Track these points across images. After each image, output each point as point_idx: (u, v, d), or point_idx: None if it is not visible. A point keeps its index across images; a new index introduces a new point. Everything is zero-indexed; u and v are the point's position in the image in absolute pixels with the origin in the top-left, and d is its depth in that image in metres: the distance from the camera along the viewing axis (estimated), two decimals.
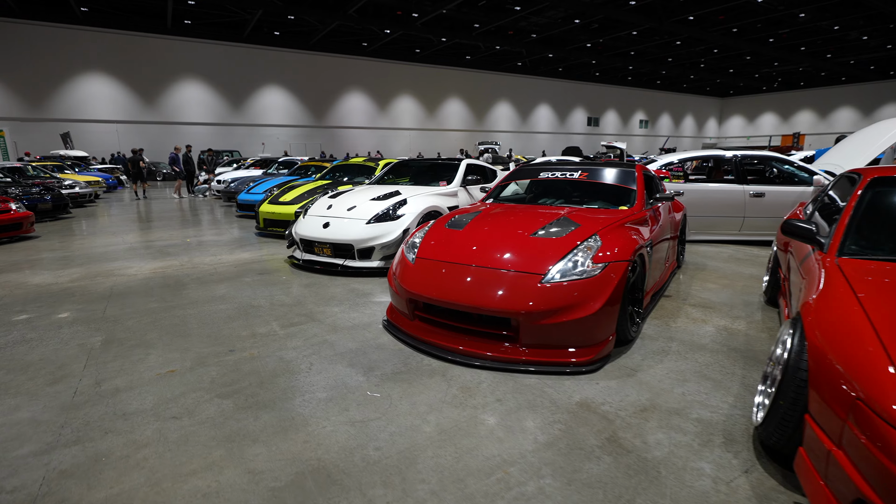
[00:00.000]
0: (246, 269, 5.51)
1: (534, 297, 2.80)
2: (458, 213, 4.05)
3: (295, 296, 4.40)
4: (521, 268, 2.97)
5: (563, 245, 3.09)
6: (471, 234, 3.49)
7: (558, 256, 2.99)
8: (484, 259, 3.13)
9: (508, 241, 3.26)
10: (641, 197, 4.03)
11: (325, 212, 5.52)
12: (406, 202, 5.38)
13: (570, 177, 4.38)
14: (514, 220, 3.67)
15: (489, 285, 2.95)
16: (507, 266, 3.02)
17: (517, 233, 3.35)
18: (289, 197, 7.69)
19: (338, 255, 5.20)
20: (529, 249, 3.12)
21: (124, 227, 8.92)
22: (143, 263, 5.82)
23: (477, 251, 3.23)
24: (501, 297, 2.86)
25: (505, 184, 4.81)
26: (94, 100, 26.49)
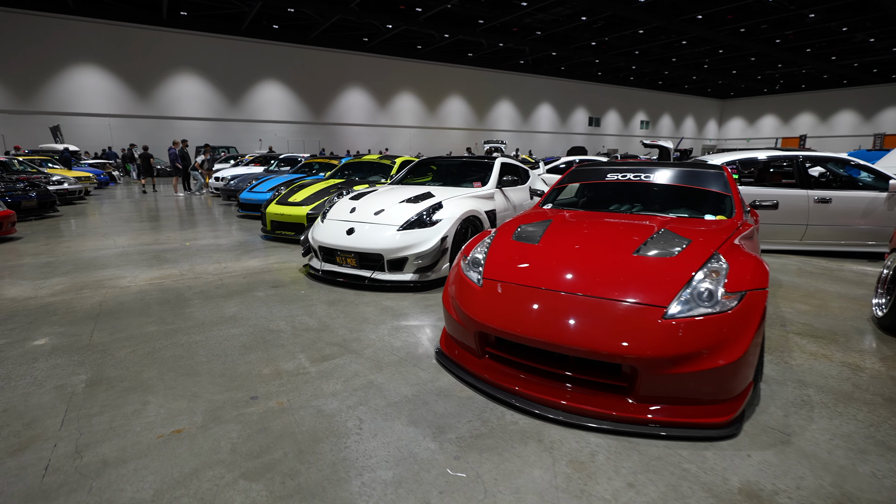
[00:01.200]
0: (256, 280, 4.81)
1: (657, 338, 2.13)
2: (521, 221, 3.37)
3: (320, 317, 3.71)
4: (634, 297, 2.30)
5: (681, 268, 2.43)
6: (550, 249, 2.81)
7: (680, 283, 2.32)
8: (579, 284, 2.46)
9: (605, 261, 2.58)
10: (739, 204, 3.37)
11: (347, 216, 4.82)
12: (441, 206, 4.69)
13: (647, 179, 3.72)
14: (601, 232, 3.00)
15: (591, 319, 2.28)
16: (614, 294, 2.35)
17: (613, 250, 2.68)
18: (299, 197, 6.98)
19: (364, 265, 4.51)
20: (637, 272, 2.45)
21: (116, 228, 8.17)
22: (138, 272, 5.10)
23: (566, 273, 2.56)
24: (611, 335, 2.19)
25: (562, 186, 4.14)
26: (86, 92, 25.56)
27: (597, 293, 2.37)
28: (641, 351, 2.12)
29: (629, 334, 2.18)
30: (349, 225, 4.65)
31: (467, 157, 6.48)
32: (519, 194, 6.04)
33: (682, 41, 32.37)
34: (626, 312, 2.25)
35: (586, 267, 2.56)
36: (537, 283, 2.54)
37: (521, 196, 6.09)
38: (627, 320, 2.23)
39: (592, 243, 2.81)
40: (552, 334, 2.29)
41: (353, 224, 4.65)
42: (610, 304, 2.30)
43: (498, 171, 5.77)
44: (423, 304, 4.04)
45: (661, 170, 3.74)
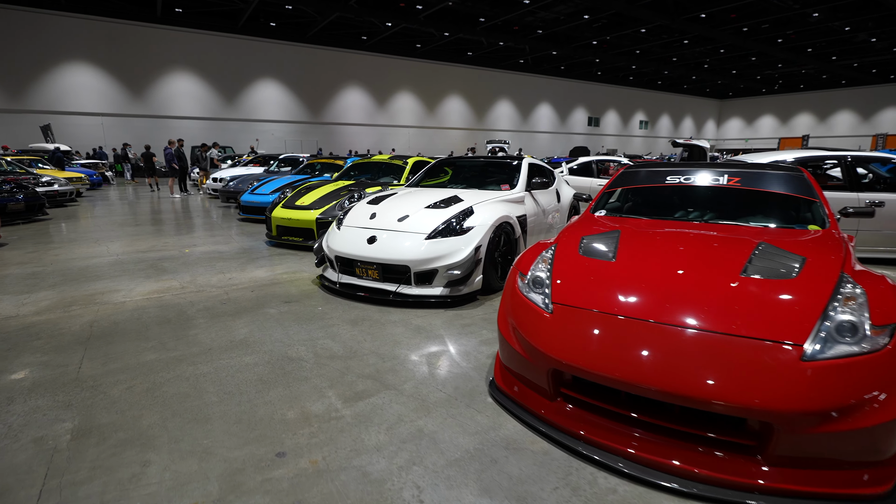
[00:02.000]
0: (266, 293, 4.33)
1: (799, 386, 1.69)
2: (581, 231, 2.92)
3: (344, 340, 3.24)
4: (760, 332, 1.85)
5: (808, 293, 1.98)
6: (633, 267, 2.36)
7: (813, 313, 1.88)
8: (683, 313, 2.00)
9: (709, 284, 2.13)
10: (832, 213, 2.93)
11: (367, 222, 4.35)
12: (472, 211, 4.23)
13: (716, 182, 3.27)
14: (688, 246, 2.55)
15: (706, 360, 1.83)
16: (731, 327, 1.89)
17: (714, 269, 2.23)
18: (307, 200, 6.50)
19: (388, 278, 4.04)
20: (753, 299, 2.00)
21: (109, 233, 7.66)
22: (134, 284, 4.61)
23: (662, 298, 2.10)
24: (736, 382, 1.74)
25: (612, 190, 3.69)
26: (78, 91, 24.91)
27: (710, 326, 1.91)
28: (779, 403, 1.67)
29: (760, 381, 1.72)
30: (370, 233, 4.18)
31: (489, 157, 6.03)
32: (547, 197, 5.59)
33: (684, 40, 32.08)
34: (753, 352, 1.80)
35: (687, 291, 2.10)
36: (627, 311, 2.08)
37: (549, 199, 5.65)
38: (755, 362, 1.77)
39: (684, 260, 2.35)
40: (655, 378, 1.83)
41: (375, 232, 4.18)
42: (730, 342, 1.85)
43: (526, 172, 5.32)
44: (459, 322, 3.58)
45: (730, 172, 3.30)
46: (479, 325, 3.53)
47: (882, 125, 43.70)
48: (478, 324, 3.57)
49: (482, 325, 3.55)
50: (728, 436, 1.81)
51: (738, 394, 1.72)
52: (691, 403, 1.77)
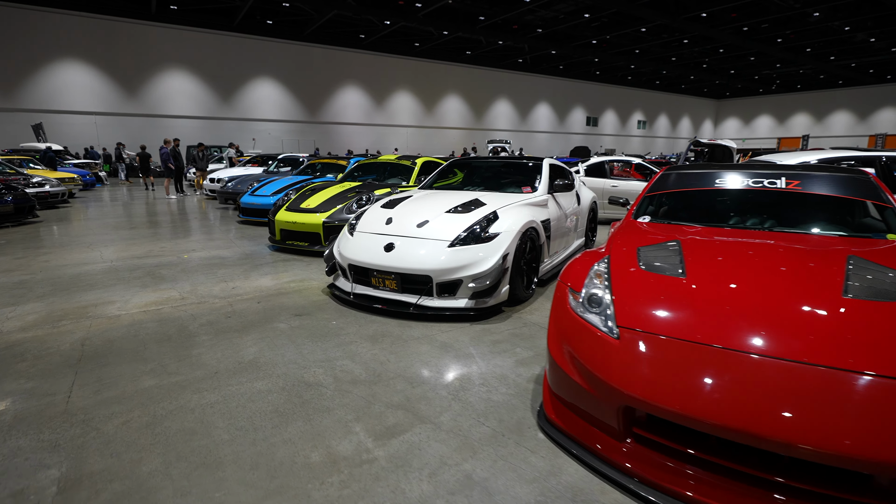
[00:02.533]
0: (274, 305, 4.01)
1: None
2: (633, 241, 2.62)
3: (365, 361, 2.92)
4: (887, 368, 1.55)
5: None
6: (710, 285, 2.06)
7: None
8: (785, 343, 1.70)
9: (807, 307, 1.83)
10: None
11: (383, 228, 4.03)
12: (497, 216, 3.92)
13: (772, 186, 2.98)
14: (765, 260, 2.25)
15: (821, 403, 1.52)
16: (849, 361, 1.59)
17: (809, 289, 1.93)
18: (312, 202, 6.17)
19: (407, 289, 3.73)
20: (869, 326, 1.70)
21: (102, 236, 7.29)
22: (130, 294, 4.27)
23: (755, 324, 1.80)
24: (871, 431, 1.44)
25: (655, 194, 3.39)
26: (71, 89, 24.42)
27: (830, 361, 1.61)
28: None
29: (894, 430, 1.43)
30: (387, 239, 3.86)
31: (507, 157, 5.73)
32: (568, 200, 5.30)
33: (684, 39, 31.92)
34: (882, 394, 1.50)
35: (788, 317, 1.80)
36: (717, 340, 1.78)
37: (570, 202, 5.35)
38: (886, 407, 1.47)
39: (771, 278, 2.05)
40: (759, 424, 1.53)
41: (393, 238, 3.86)
42: (858, 381, 1.55)
43: (548, 173, 5.02)
44: (488, 339, 3.27)
45: (787, 174, 3.01)
46: (511, 342, 3.22)
47: (879, 125, 43.78)
48: (509, 340, 3.26)
49: (514, 341, 3.24)
50: (849, 493, 1.51)
51: (878, 447, 1.41)
52: (808, 455, 1.47)
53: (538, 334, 3.37)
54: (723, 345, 1.76)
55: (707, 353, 1.75)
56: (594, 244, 6.59)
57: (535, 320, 3.67)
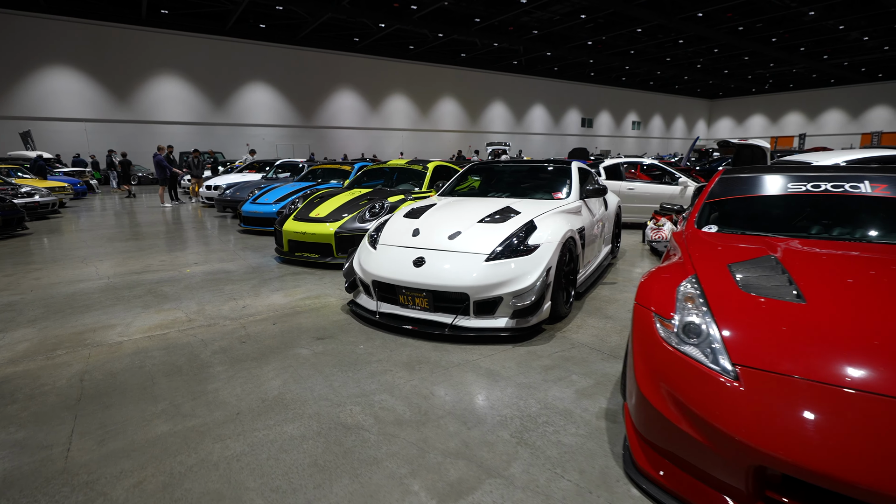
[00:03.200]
0: (291, 326, 3.65)
1: None
2: (721, 257, 2.30)
3: (406, 394, 2.58)
4: None
5: None
6: (838, 312, 1.74)
7: None
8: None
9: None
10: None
11: (410, 240, 3.69)
12: (535, 226, 3.59)
13: (855, 190, 2.67)
14: (885, 280, 1.93)
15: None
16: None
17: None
18: (322, 211, 5.81)
19: (440, 307, 3.38)
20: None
21: (97, 249, 6.89)
22: (131, 317, 3.90)
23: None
24: None
25: (717, 200, 3.07)
26: (60, 96, 23.90)
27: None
28: None
29: None
30: (416, 253, 3.52)
31: (535, 161, 5.40)
32: (597, 205, 4.98)
33: (679, 40, 31.90)
34: None
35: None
36: (869, 384, 1.45)
37: (599, 207, 5.04)
38: None
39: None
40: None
41: (422, 252, 3.51)
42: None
43: (578, 177, 4.70)
44: (537, 364, 2.94)
45: (871, 177, 2.70)
46: (564, 368, 2.89)
47: (871, 123, 44.07)
48: (560, 365, 2.92)
49: (566, 366, 2.91)
50: None
51: None
52: None
53: (590, 357, 3.04)
54: (882, 391, 1.43)
55: (864, 403, 1.43)
56: (619, 251, 6.28)
57: (583, 340, 3.34)
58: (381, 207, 5.65)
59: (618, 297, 4.39)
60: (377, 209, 5.64)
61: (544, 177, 4.91)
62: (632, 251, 6.61)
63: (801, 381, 1.53)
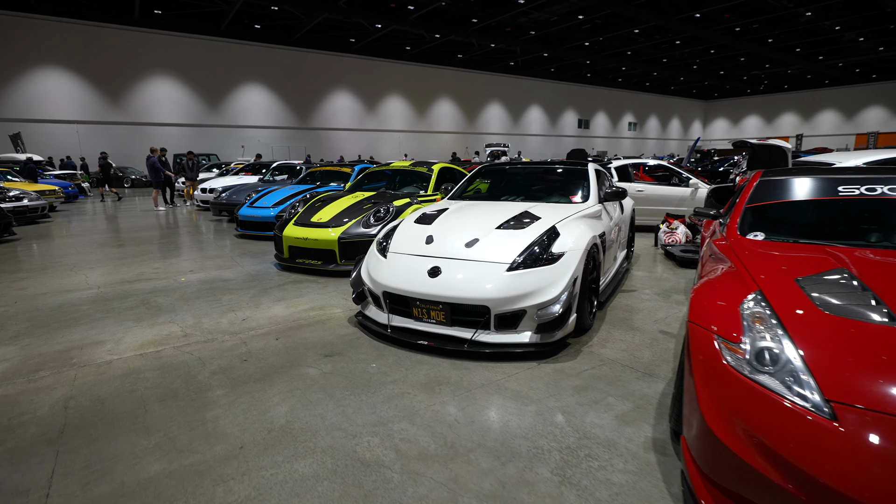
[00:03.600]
0: (296, 341, 3.38)
1: None
2: (778, 268, 2.06)
3: (428, 422, 2.32)
4: None
5: None
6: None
7: None
8: None
9: None
10: None
11: (424, 247, 3.44)
12: (558, 233, 3.35)
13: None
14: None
15: None
16: None
17: None
18: (324, 215, 5.55)
19: (457, 321, 3.13)
20: None
21: (87, 256, 6.59)
22: (122, 331, 3.62)
23: None
24: None
25: (759, 204, 2.84)
26: (50, 97, 23.47)
27: None
28: None
29: None
30: (431, 262, 3.27)
31: (551, 162, 5.15)
32: (615, 209, 4.75)
33: (676, 41, 31.86)
34: None
35: None
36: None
37: (616, 210, 4.81)
38: None
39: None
40: None
41: (438, 261, 3.26)
42: None
43: (596, 179, 4.47)
44: (568, 385, 2.69)
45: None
46: (598, 389, 2.64)
47: (865, 124, 44.26)
48: (593, 386, 2.68)
49: (600, 387, 2.66)
50: None
51: None
52: None
53: (624, 376, 2.80)
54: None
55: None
56: (633, 255, 6.06)
57: (612, 355, 3.10)
58: (387, 211, 5.40)
59: (640, 306, 4.16)
60: (382, 213, 5.39)
61: (560, 179, 4.67)
62: (645, 256, 6.38)
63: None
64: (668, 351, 3.15)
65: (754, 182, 2.98)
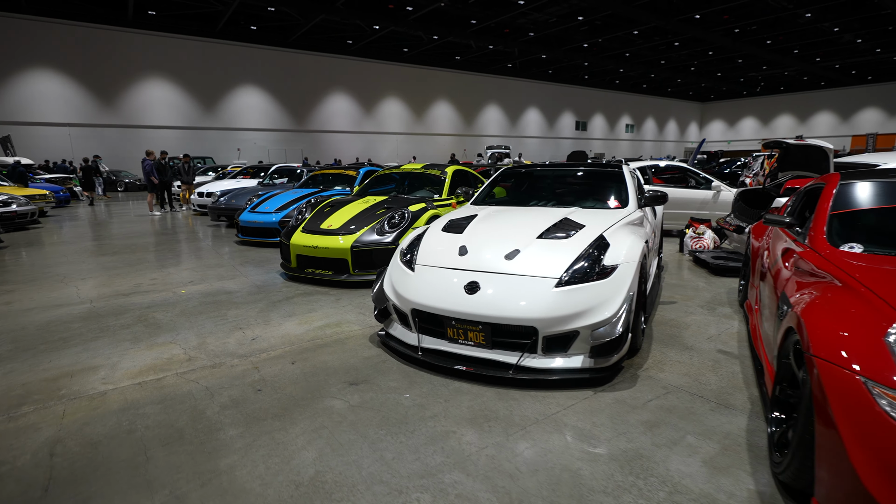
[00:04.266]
0: (315, 366, 3.01)
1: None
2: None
3: (484, 471, 1.96)
4: None
5: None
6: None
7: None
8: None
9: None
10: None
11: (457, 260, 3.07)
12: (607, 242, 3.00)
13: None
14: None
15: None
16: None
17: None
18: (334, 222, 5.17)
19: (498, 343, 2.77)
20: None
21: (79, 266, 6.19)
22: (118, 354, 3.24)
23: None
24: None
25: (844, 212, 2.51)
26: (42, 99, 22.95)
27: None
28: None
29: None
30: (467, 276, 2.90)
31: (577, 164, 4.80)
32: (651, 214, 4.42)
33: (675, 42, 31.74)
34: None
35: None
36: None
37: (652, 216, 4.47)
38: None
39: None
40: None
41: (475, 275, 2.90)
42: None
43: (634, 183, 4.13)
44: (635, 419, 2.33)
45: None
46: (671, 424, 2.29)
47: (860, 125, 44.38)
48: (665, 421, 2.32)
49: (673, 422, 2.31)
50: None
51: None
52: None
53: (696, 408, 2.45)
54: None
55: None
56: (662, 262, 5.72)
57: (674, 381, 2.75)
58: (402, 217, 5.04)
59: (686, 320, 3.81)
60: (397, 219, 5.02)
61: (595, 182, 4.33)
62: (672, 262, 6.05)
63: None
64: (736, 376, 2.80)
65: (833, 187, 2.64)
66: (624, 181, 4.11)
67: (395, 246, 4.77)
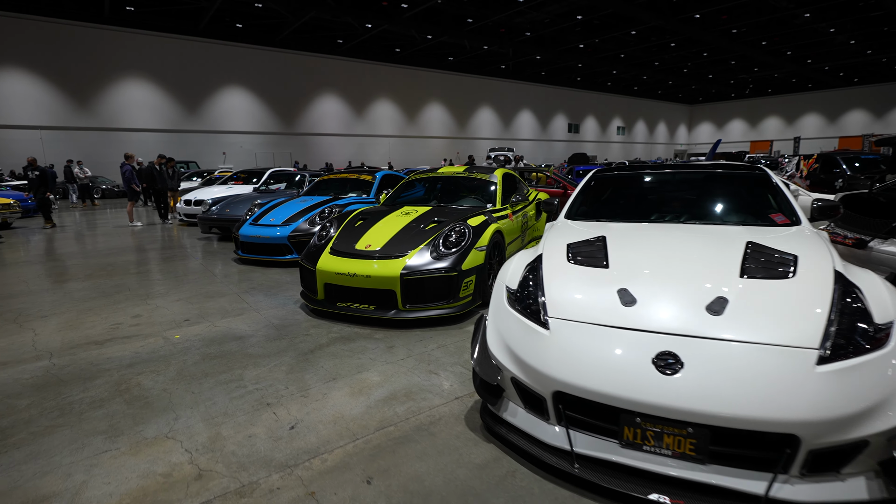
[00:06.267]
0: (404, 486, 1.88)
1: None
2: None
3: None
4: None
5: None
6: None
7: None
8: None
9: None
10: None
11: (622, 312, 1.96)
12: (853, 285, 1.94)
13: None
14: None
15: None
16: None
17: None
18: (374, 240, 4.03)
19: (717, 455, 1.69)
20: None
21: (42, 297, 4.94)
22: (84, 469, 2.06)
23: None
24: None
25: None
26: (11, 101, 21.30)
27: None
28: None
29: None
30: (655, 341, 1.81)
31: (689, 164, 3.76)
32: None
33: (672, 43, 31.24)
34: None
35: None
36: None
37: None
38: None
39: None
40: None
41: (666, 339, 1.81)
42: None
43: (786, 189, 3.10)
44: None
45: None
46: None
47: (847, 127, 44.65)
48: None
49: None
50: None
51: None
52: None
53: None
54: None
55: None
56: None
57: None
58: (461, 234, 3.93)
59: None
60: (454, 238, 3.91)
61: (735, 190, 3.25)
62: None
63: None
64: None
65: None
66: (776, 186, 3.06)
67: (456, 272, 3.67)
